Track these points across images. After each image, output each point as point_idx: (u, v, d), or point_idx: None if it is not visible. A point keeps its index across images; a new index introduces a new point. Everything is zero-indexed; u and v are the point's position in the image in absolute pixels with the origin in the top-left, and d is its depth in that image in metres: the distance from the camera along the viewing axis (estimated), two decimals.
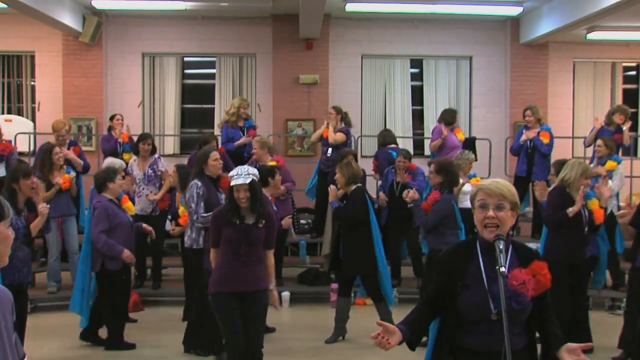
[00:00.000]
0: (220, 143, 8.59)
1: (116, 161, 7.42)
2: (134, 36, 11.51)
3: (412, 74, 12.02)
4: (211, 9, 10.94)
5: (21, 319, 5.27)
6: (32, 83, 11.75)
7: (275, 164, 7.55)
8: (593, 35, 11.29)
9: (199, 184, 5.68)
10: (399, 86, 11.94)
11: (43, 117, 11.43)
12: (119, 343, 6.29)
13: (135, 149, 8.06)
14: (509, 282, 2.68)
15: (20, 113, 11.66)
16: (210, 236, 4.91)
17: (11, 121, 10.78)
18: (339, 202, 6.50)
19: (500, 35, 11.84)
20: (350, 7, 10.76)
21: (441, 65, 12.02)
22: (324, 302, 8.12)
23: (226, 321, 4.69)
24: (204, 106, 11.99)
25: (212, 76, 11.89)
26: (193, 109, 12.09)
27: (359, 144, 10.65)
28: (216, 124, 11.68)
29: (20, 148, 10.05)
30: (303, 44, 11.32)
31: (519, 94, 11.55)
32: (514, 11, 10.97)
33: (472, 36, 11.76)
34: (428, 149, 9.84)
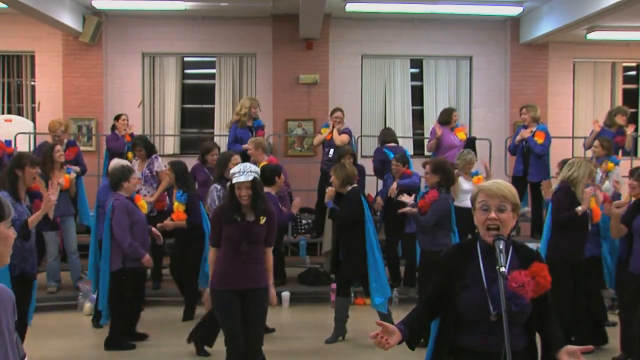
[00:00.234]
0: (227, 143, 8.63)
1: (123, 162, 7.41)
2: (134, 36, 11.51)
3: (412, 74, 12.02)
4: (211, 9, 10.94)
5: (26, 310, 5.27)
6: (32, 83, 11.75)
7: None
8: (593, 35, 11.30)
9: (218, 187, 5.66)
10: (399, 86, 11.94)
11: (43, 117, 11.41)
12: (119, 343, 6.29)
13: (132, 152, 8.15)
14: (509, 284, 2.68)
15: (20, 113, 11.66)
16: (210, 234, 4.89)
17: (11, 121, 10.79)
18: (333, 204, 6.49)
19: (500, 35, 11.84)
20: (350, 7, 10.76)
21: (441, 65, 12.02)
22: (324, 302, 8.11)
23: (226, 321, 4.70)
24: (204, 106, 11.99)
25: (212, 76, 11.89)
26: (193, 109, 12.09)
27: (359, 144, 10.66)
28: (216, 124, 11.75)
29: (20, 148, 10.04)
30: (303, 44, 11.32)
31: (519, 94, 11.55)
32: (514, 11, 10.97)
33: (472, 36, 11.76)
34: (426, 149, 9.89)
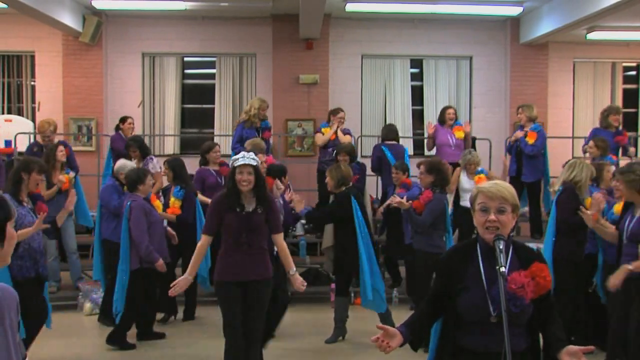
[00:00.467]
0: (232, 142, 8.66)
1: (128, 163, 7.43)
2: (134, 36, 11.51)
3: (412, 74, 12.02)
4: (211, 9, 10.94)
5: (41, 310, 5.35)
6: (32, 83, 11.75)
7: None
8: (593, 35, 11.30)
9: None
10: (399, 86, 11.94)
11: (43, 117, 11.33)
12: (122, 340, 6.35)
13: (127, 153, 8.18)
14: (508, 285, 2.67)
15: (20, 113, 11.66)
16: (205, 222, 4.83)
17: (11, 121, 10.78)
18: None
19: (500, 35, 11.84)
20: (350, 7, 10.76)
21: (441, 65, 12.02)
22: (324, 302, 8.11)
23: (226, 312, 4.71)
24: (204, 106, 11.99)
25: (212, 76, 11.89)
26: (193, 109, 12.10)
27: (359, 143, 10.65)
28: (216, 124, 11.75)
29: (20, 148, 10.04)
30: (303, 44, 11.32)
31: (519, 94, 11.55)
32: (514, 11, 10.98)
33: (472, 36, 11.76)
34: (426, 149, 9.94)
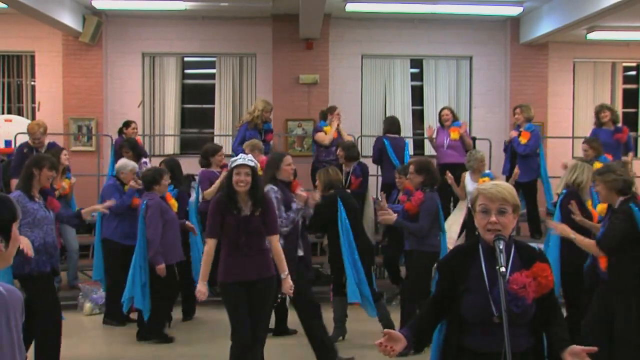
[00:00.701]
0: (235, 143, 8.68)
1: (130, 163, 7.43)
2: (134, 36, 11.51)
3: (412, 74, 12.02)
4: (211, 9, 10.94)
5: (56, 303, 5.46)
6: (32, 83, 11.75)
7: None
8: (593, 35, 11.30)
9: (275, 188, 5.45)
10: (399, 86, 11.94)
11: (43, 117, 11.36)
12: (160, 335, 6.57)
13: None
14: (510, 285, 2.67)
15: (20, 113, 11.66)
16: (207, 225, 4.83)
17: (11, 121, 10.77)
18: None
19: (500, 35, 11.84)
20: (350, 7, 10.76)
21: (441, 65, 12.02)
22: (324, 302, 8.03)
23: (232, 313, 4.74)
24: (204, 106, 11.99)
25: (212, 76, 11.89)
26: (193, 109, 12.09)
27: (359, 143, 10.63)
28: (216, 124, 11.75)
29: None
30: (303, 44, 11.31)
31: (519, 94, 11.54)
32: (514, 11, 10.97)
33: (472, 36, 11.76)
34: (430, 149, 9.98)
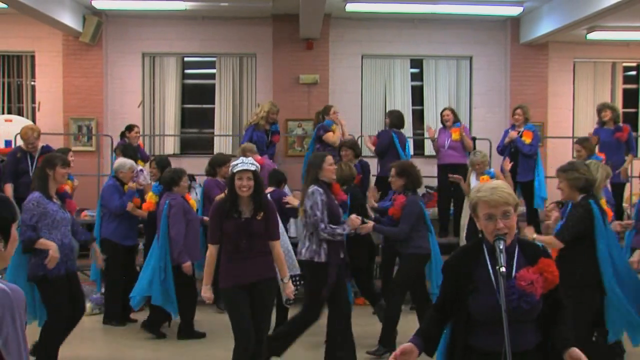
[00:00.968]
0: (241, 143, 8.73)
1: (127, 161, 7.44)
2: (134, 36, 11.51)
3: (412, 74, 12.02)
4: (211, 9, 10.93)
5: (80, 303, 5.56)
6: (32, 83, 11.75)
7: None
8: (593, 35, 11.29)
9: (320, 190, 5.32)
10: (399, 86, 11.94)
11: (43, 117, 11.43)
12: (191, 333, 6.71)
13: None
14: (517, 282, 2.70)
15: (20, 113, 11.65)
16: (209, 231, 4.87)
17: (11, 121, 10.77)
18: None
19: (500, 35, 11.83)
20: (350, 7, 10.75)
21: (441, 65, 12.01)
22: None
23: (234, 315, 4.74)
24: (204, 106, 11.98)
25: (212, 76, 11.88)
26: (193, 109, 12.09)
27: (359, 144, 10.62)
28: (216, 124, 11.75)
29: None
30: (303, 44, 11.31)
31: (519, 94, 11.54)
32: (514, 11, 10.97)
33: (472, 36, 11.75)
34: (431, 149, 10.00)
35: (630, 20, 10.50)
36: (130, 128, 9.36)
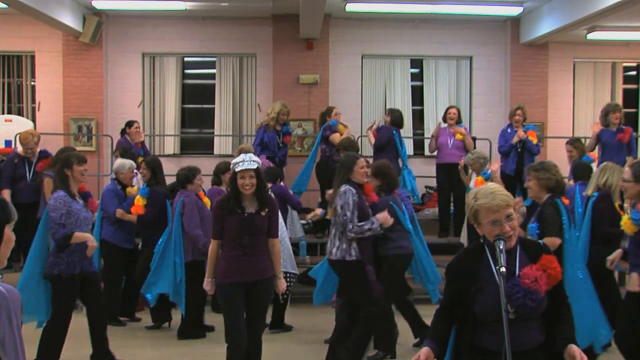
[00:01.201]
0: (254, 144, 8.77)
1: (127, 162, 7.44)
2: (134, 36, 11.51)
3: (412, 74, 12.02)
4: (211, 9, 10.94)
5: (98, 304, 5.60)
6: (32, 83, 11.75)
7: None
8: (593, 35, 11.30)
9: (353, 190, 5.34)
10: (399, 86, 11.94)
11: (43, 117, 11.44)
12: (193, 332, 6.71)
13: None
14: (522, 281, 2.73)
15: (20, 113, 11.66)
16: (211, 227, 4.90)
17: (11, 121, 10.79)
18: None
19: (500, 35, 11.84)
20: (350, 7, 10.76)
21: (441, 65, 12.02)
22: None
23: (229, 314, 4.74)
24: (204, 106, 11.99)
25: (212, 76, 11.89)
26: (193, 109, 12.10)
27: (359, 144, 10.63)
28: (216, 124, 11.75)
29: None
30: (303, 44, 11.32)
31: (519, 94, 11.54)
32: (514, 11, 10.97)
33: (472, 36, 11.76)
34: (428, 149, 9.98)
35: (630, 20, 10.50)
36: (130, 124, 9.34)
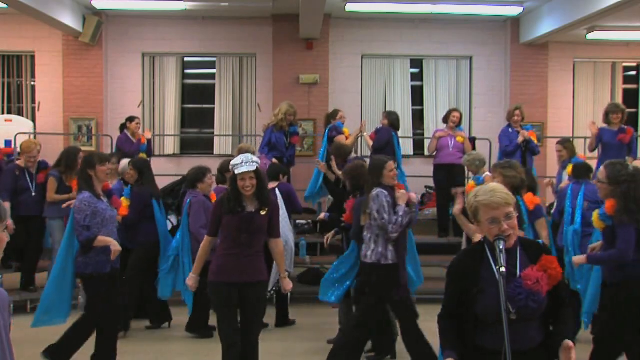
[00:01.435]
0: (261, 145, 8.75)
1: (126, 161, 7.41)
2: (134, 36, 11.51)
3: (412, 74, 12.02)
4: (211, 9, 10.94)
5: (115, 304, 5.54)
6: (32, 83, 11.75)
7: None
8: (593, 35, 11.30)
9: (385, 192, 5.33)
10: (399, 86, 11.94)
11: (43, 117, 11.44)
12: (202, 329, 6.71)
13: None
14: (524, 282, 2.73)
15: (20, 113, 11.67)
16: (208, 223, 4.91)
17: (11, 121, 10.80)
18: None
19: (500, 35, 11.84)
20: (350, 7, 10.76)
21: (441, 65, 12.02)
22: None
23: (222, 315, 4.72)
24: (204, 106, 12.00)
25: (212, 76, 11.89)
26: (193, 109, 12.10)
27: (359, 143, 10.64)
28: (216, 124, 11.76)
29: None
30: (303, 44, 11.32)
31: (519, 94, 11.55)
32: (514, 11, 10.98)
33: (472, 36, 11.77)
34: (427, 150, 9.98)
35: (630, 20, 10.51)
36: (131, 119, 9.30)
